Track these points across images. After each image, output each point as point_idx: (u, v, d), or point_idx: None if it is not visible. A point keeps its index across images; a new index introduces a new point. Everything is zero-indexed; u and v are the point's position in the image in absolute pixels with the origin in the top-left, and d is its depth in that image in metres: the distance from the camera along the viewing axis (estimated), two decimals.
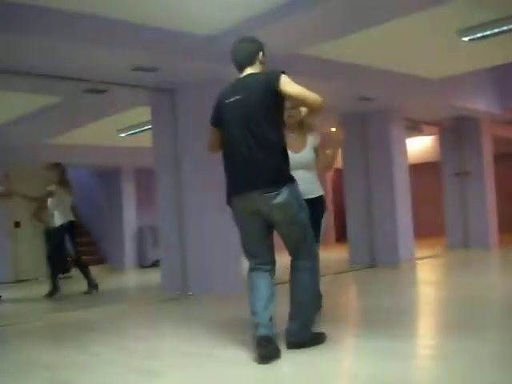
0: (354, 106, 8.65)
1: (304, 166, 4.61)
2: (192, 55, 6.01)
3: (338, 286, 7.29)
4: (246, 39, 3.94)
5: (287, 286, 3.80)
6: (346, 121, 9.32)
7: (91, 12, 5.25)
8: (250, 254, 3.83)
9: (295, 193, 3.67)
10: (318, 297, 4.41)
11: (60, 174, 7.63)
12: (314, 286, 3.90)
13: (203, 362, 3.64)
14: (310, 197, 4.56)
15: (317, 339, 3.81)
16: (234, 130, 3.72)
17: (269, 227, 3.76)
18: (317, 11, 5.14)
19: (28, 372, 3.67)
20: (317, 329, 3.90)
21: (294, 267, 3.81)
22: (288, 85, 3.60)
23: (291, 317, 3.76)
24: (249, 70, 3.81)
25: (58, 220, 7.57)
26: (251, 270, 3.79)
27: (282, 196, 3.57)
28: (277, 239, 3.83)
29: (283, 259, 3.93)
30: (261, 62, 3.84)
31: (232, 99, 3.74)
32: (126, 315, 5.89)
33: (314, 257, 3.90)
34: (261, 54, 3.85)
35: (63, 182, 7.64)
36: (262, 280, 3.74)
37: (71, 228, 7.65)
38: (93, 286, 7.76)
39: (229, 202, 3.80)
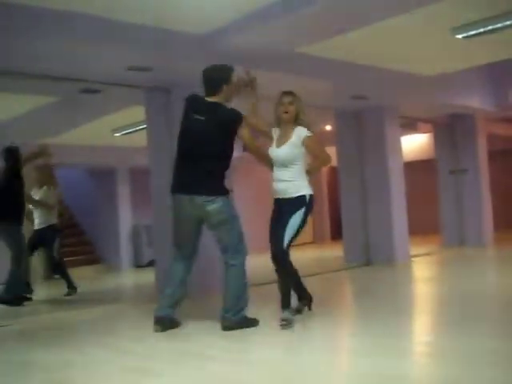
0: (348, 104, 8.65)
1: (282, 163, 4.55)
2: (187, 55, 6.00)
3: (333, 284, 7.30)
4: (216, 70, 4.59)
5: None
6: (340, 119, 9.33)
7: (85, 12, 5.23)
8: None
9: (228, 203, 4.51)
10: (246, 287, 4.57)
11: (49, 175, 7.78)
12: (241, 279, 4.53)
13: (202, 361, 3.64)
14: (282, 196, 4.55)
15: (248, 322, 4.46)
16: (190, 142, 4.48)
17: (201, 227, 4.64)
18: (313, 9, 5.13)
19: (25, 373, 3.67)
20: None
21: (224, 262, 4.59)
22: (243, 129, 4.49)
23: (223, 304, 4.48)
24: (212, 98, 4.53)
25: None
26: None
27: (217, 204, 4.39)
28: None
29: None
30: (224, 92, 4.53)
31: (196, 117, 4.48)
32: (122, 315, 5.88)
33: (242, 256, 4.55)
34: (224, 86, 4.52)
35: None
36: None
37: None
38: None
39: (172, 193, 4.57)
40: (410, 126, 11.05)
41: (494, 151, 12.22)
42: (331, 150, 10.47)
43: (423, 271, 8.27)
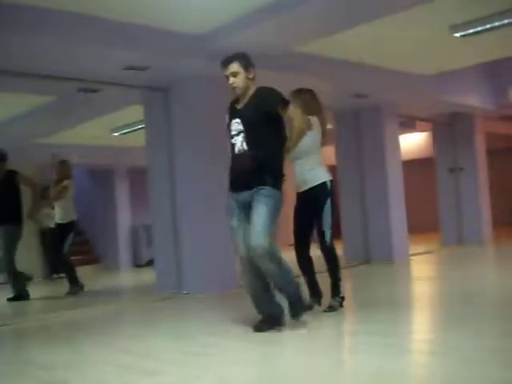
0: (347, 102, 8.65)
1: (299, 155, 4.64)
2: (183, 54, 6.00)
3: None
4: (232, 56, 4.20)
5: None
6: (339, 118, 9.33)
7: (82, 12, 5.23)
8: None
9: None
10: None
11: (69, 169, 7.78)
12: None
13: (201, 360, 3.63)
14: (302, 189, 4.71)
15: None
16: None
17: None
18: (309, 8, 5.13)
19: (24, 373, 3.66)
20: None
21: None
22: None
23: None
24: None
25: (71, 215, 7.61)
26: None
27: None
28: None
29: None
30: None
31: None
32: (121, 315, 5.88)
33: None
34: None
35: (71, 177, 7.79)
36: None
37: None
38: (78, 286, 7.63)
39: None
40: (408, 124, 11.04)
41: (493, 149, 12.22)
42: (330, 149, 10.51)
43: (422, 270, 8.27)
